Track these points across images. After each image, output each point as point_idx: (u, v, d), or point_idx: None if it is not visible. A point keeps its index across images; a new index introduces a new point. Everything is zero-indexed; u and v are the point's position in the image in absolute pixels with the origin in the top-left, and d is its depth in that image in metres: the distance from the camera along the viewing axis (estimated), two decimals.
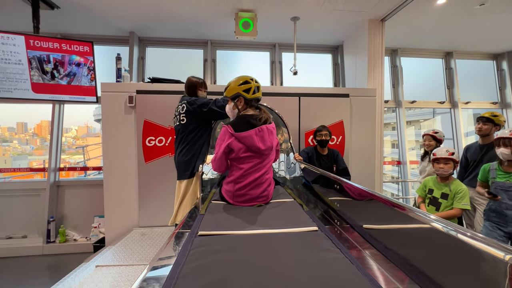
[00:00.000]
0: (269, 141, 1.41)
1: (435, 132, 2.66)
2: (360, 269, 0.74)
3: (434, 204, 2.05)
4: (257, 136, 1.38)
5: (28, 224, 3.23)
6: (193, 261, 0.78)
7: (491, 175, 2.09)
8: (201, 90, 2.16)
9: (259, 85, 1.50)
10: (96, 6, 2.83)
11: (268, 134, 1.41)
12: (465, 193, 1.93)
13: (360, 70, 3.42)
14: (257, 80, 1.52)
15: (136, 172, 2.62)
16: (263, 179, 1.40)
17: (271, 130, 1.45)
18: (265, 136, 1.39)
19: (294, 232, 0.99)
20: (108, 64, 3.56)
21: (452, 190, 1.96)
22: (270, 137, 1.42)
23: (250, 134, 1.37)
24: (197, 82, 2.15)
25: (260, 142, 1.38)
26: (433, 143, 2.65)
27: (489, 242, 0.56)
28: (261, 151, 1.38)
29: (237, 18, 2.95)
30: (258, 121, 1.42)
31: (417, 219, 0.77)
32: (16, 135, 10.24)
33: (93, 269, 1.70)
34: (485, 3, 2.81)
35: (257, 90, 1.49)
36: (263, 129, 1.40)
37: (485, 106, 4.32)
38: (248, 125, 1.41)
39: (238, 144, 1.37)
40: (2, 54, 2.60)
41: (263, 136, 1.39)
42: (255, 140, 1.37)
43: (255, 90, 1.48)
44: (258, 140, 1.38)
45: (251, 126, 1.40)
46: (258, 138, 1.38)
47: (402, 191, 4.24)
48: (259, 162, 1.39)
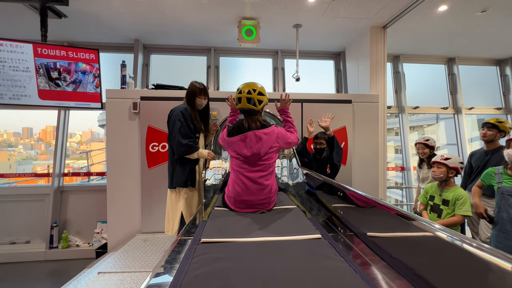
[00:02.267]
0: (256, 148, 1.38)
1: (426, 140, 2.68)
2: (364, 278, 0.73)
3: (435, 211, 2.02)
4: (242, 142, 1.39)
5: (31, 230, 3.25)
6: (196, 269, 0.78)
7: (497, 179, 2.02)
8: (200, 97, 2.01)
9: (240, 96, 1.48)
10: (102, 15, 2.90)
11: (255, 141, 1.39)
12: (465, 199, 1.88)
13: (363, 76, 3.43)
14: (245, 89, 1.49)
15: (139, 178, 2.63)
16: (260, 186, 1.38)
17: (259, 136, 1.40)
18: (251, 143, 1.38)
19: (297, 240, 0.99)
20: (113, 71, 3.61)
21: (453, 197, 1.92)
22: (258, 144, 1.39)
23: (235, 140, 1.41)
24: (197, 89, 2.00)
25: (245, 148, 1.38)
26: (427, 150, 2.67)
27: (495, 253, 0.55)
28: (247, 157, 1.38)
29: (240, 26, 3.00)
30: (244, 126, 1.43)
31: (421, 227, 0.76)
32: (21, 140, 10.38)
33: (95, 276, 1.69)
34: (486, 9, 2.82)
35: (238, 102, 1.50)
36: (248, 135, 1.39)
37: (489, 112, 4.29)
38: (238, 130, 1.44)
39: (227, 145, 1.47)
40: (10, 61, 2.66)
41: (248, 143, 1.38)
42: (240, 146, 1.40)
43: (237, 102, 1.52)
44: (242, 146, 1.39)
45: (240, 131, 1.43)
46: (243, 144, 1.39)
47: (406, 197, 4.19)
48: (250, 167, 1.40)
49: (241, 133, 1.42)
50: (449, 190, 1.97)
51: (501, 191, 1.96)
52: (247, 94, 1.46)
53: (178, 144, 1.86)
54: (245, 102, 1.47)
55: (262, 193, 1.38)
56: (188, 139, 1.88)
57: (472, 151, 2.75)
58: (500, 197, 1.95)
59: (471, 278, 0.61)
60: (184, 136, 1.87)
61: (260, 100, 1.48)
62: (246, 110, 1.48)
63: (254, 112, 1.49)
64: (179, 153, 1.89)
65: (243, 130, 1.43)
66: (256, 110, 1.49)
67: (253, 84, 1.51)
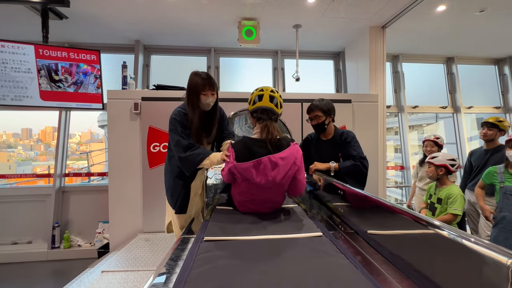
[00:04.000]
0: (272, 175, 1.14)
1: (437, 138, 2.67)
2: (365, 275, 0.75)
3: (431, 209, 2.06)
4: (255, 169, 1.14)
5: (33, 230, 3.26)
6: (200, 266, 0.79)
7: (499, 179, 2.02)
8: (205, 93, 1.46)
9: (262, 93, 1.27)
10: (103, 16, 2.91)
11: (271, 167, 1.14)
12: (456, 197, 1.89)
13: (362, 76, 3.45)
14: (268, 88, 1.30)
15: (141, 178, 2.65)
16: (273, 204, 1.29)
17: (275, 162, 1.14)
18: (266, 170, 1.14)
19: (299, 238, 1.00)
20: (114, 72, 3.63)
21: (445, 195, 1.95)
22: (275, 170, 1.14)
23: (247, 167, 1.15)
24: (199, 82, 1.45)
25: (259, 176, 1.14)
26: (435, 149, 2.65)
27: (492, 247, 0.57)
28: (261, 185, 1.15)
29: (240, 26, 3.02)
30: (260, 147, 1.18)
31: (420, 224, 0.78)
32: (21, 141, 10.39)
33: (98, 275, 1.71)
34: (485, 9, 2.84)
35: (258, 99, 1.27)
36: (263, 162, 1.14)
37: (488, 111, 4.31)
38: (248, 154, 1.18)
39: (237, 172, 1.18)
40: (12, 63, 2.68)
41: (263, 170, 1.14)
42: (253, 174, 1.14)
43: (255, 100, 1.28)
44: (256, 174, 1.14)
45: (251, 154, 1.17)
46: (256, 172, 1.14)
47: (405, 196, 4.22)
48: (262, 192, 1.20)
49: (254, 156, 1.16)
50: (444, 188, 1.99)
51: (504, 190, 1.96)
52: (270, 92, 1.28)
53: (180, 160, 1.45)
54: (267, 99, 1.26)
55: (274, 207, 1.31)
56: (189, 150, 1.43)
57: (472, 150, 2.76)
58: (503, 196, 1.95)
59: (469, 272, 0.63)
60: (184, 149, 1.43)
61: (281, 103, 1.30)
62: (265, 109, 1.25)
63: (274, 115, 1.28)
64: (186, 170, 1.47)
65: (256, 150, 1.17)
66: (277, 113, 1.29)
67: (272, 87, 1.33)
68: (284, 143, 1.23)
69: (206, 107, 1.50)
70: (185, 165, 1.43)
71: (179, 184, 1.53)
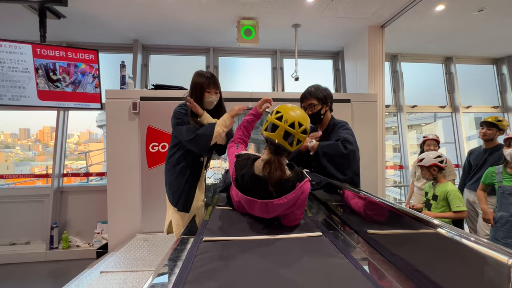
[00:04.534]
0: (277, 212, 1.05)
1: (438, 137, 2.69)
2: (365, 274, 0.75)
3: (427, 206, 2.11)
4: (248, 204, 1.08)
5: (31, 230, 3.24)
6: (199, 267, 0.79)
7: (498, 179, 2.06)
8: (209, 92, 1.51)
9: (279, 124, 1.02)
10: (101, 15, 2.90)
11: (266, 210, 1.04)
12: (454, 194, 1.94)
13: (361, 75, 3.45)
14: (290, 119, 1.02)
15: (140, 178, 2.64)
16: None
17: (272, 207, 1.02)
18: (260, 209, 1.05)
19: (299, 238, 1.00)
20: (112, 72, 3.61)
21: (441, 192, 2.00)
22: (271, 212, 1.04)
23: (241, 196, 1.09)
24: (204, 80, 1.49)
25: (251, 210, 1.10)
26: (437, 148, 2.68)
27: (492, 247, 0.57)
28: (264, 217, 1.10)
29: (239, 26, 3.01)
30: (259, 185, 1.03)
31: (420, 223, 0.78)
32: (19, 141, 10.35)
33: (97, 275, 1.70)
34: (483, 9, 2.85)
35: (271, 129, 1.04)
36: (257, 203, 1.04)
37: (486, 110, 4.33)
38: (245, 187, 1.06)
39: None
40: (9, 62, 2.66)
41: (256, 209, 1.07)
42: (247, 204, 1.08)
43: (268, 128, 1.06)
44: (248, 207, 1.10)
45: (247, 189, 1.06)
46: (249, 206, 1.09)
47: (404, 195, 4.23)
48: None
49: (249, 192, 1.06)
50: (440, 185, 2.05)
51: (502, 190, 2.00)
52: (288, 127, 1.02)
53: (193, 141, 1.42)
54: (280, 135, 1.02)
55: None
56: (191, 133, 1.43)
57: (470, 149, 2.78)
58: (501, 196, 1.99)
59: (470, 272, 0.63)
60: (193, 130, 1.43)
61: (300, 140, 1.05)
62: (275, 144, 1.04)
63: (285, 152, 1.07)
64: (202, 147, 1.45)
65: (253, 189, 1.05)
66: (289, 151, 1.06)
67: (302, 116, 1.05)
68: (288, 186, 1.01)
69: (209, 106, 1.54)
70: (199, 141, 1.41)
71: (182, 181, 1.52)
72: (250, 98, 2.81)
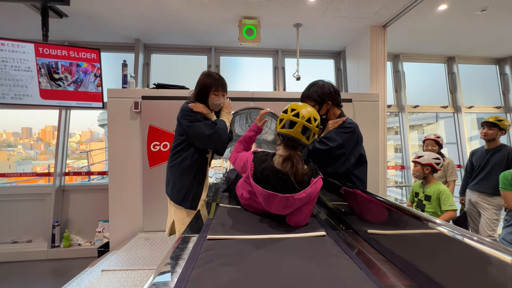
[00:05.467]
0: (282, 209, 1.09)
1: (437, 137, 2.67)
2: (369, 275, 0.74)
3: (419, 206, 2.13)
4: (266, 199, 1.07)
5: (33, 229, 3.25)
6: (202, 265, 0.79)
7: None
8: (216, 94, 1.52)
9: (297, 120, 1.07)
10: (103, 14, 2.90)
11: (284, 205, 1.06)
12: (447, 194, 1.96)
13: (363, 75, 3.44)
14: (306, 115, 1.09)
15: (141, 177, 2.64)
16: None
17: (292, 201, 1.03)
18: (278, 205, 1.07)
19: (302, 237, 1.00)
20: (114, 71, 3.62)
21: (434, 192, 2.03)
22: (287, 207, 1.07)
23: (260, 191, 1.07)
24: (212, 82, 1.50)
25: (267, 206, 1.10)
26: (436, 148, 2.66)
27: (496, 247, 0.57)
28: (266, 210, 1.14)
29: (240, 25, 3.01)
30: (281, 180, 1.05)
31: (422, 223, 0.78)
32: (21, 140, 10.39)
33: (98, 274, 1.71)
34: (486, 9, 2.83)
35: (289, 126, 1.09)
36: (278, 198, 1.04)
37: (488, 111, 4.31)
38: (265, 181, 1.07)
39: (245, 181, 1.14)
40: (12, 61, 2.67)
41: (275, 204, 1.07)
42: (264, 199, 1.08)
43: (286, 125, 1.11)
44: (265, 203, 1.09)
45: (267, 183, 1.07)
46: (267, 201, 1.08)
47: (406, 195, 4.22)
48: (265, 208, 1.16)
49: (269, 186, 1.05)
50: (431, 186, 2.07)
51: None
52: (306, 122, 1.08)
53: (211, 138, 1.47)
54: (299, 131, 1.08)
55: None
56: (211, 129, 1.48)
57: (473, 150, 2.77)
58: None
59: (473, 271, 0.63)
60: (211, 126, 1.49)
61: (314, 134, 1.12)
62: (293, 139, 1.10)
63: (301, 146, 1.13)
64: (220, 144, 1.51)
65: (274, 183, 1.06)
66: (305, 144, 1.13)
67: (314, 112, 1.13)
68: (305, 180, 1.06)
69: (216, 108, 1.57)
70: (220, 135, 1.47)
71: (189, 178, 1.53)
72: (252, 97, 2.81)
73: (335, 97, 1.50)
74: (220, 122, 1.53)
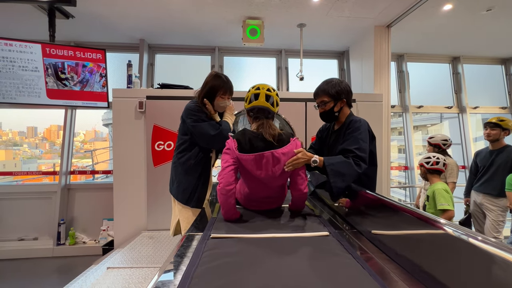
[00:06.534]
0: (272, 170, 1.16)
1: (430, 138, 2.74)
2: (372, 275, 0.75)
3: (424, 207, 2.19)
4: (257, 163, 1.15)
5: (39, 227, 3.30)
6: (206, 263, 0.80)
7: None
8: (223, 97, 1.59)
9: (258, 92, 1.26)
10: (108, 15, 2.94)
11: (273, 163, 1.15)
12: (438, 192, 1.98)
13: (366, 75, 3.43)
14: (265, 87, 1.29)
15: (145, 176, 2.67)
16: (272, 199, 1.32)
17: (277, 157, 1.15)
18: (267, 165, 1.16)
19: (306, 237, 1.01)
20: (119, 71, 3.65)
21: (430, 192, 2.07)
22: (277, 166, 1.16)
23: (247, 158, 1.16)
24: (221, 85, 1.56)
25: (258, 170, 1.17)
26: (430, 148, 2.72)
27: (500, 246, 0.57)
28: (261, 179, 1.19)
29: (244, 26, 3.02)
30: (261, 140, 1.20)
31: (426, 223, 0.78)
32: (26, 139, 10.53)
33: (104, 271, 1.73)
34: (492, 8, 2.81)
35: (254, 98, 1.27)
36: (265, 156, 1.15)
37: (494, 111, 4.27)
38: (250, 146, 1.19)
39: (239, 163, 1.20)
40: (20, 61, 2.71)
41: (265, 164, 1.16)
42: (253, 166, 1.16)
43: (251, 98, 1.28)
44: (255, 167, 1.16)
45: (252, 148, 1.19)
46: (257, 165, 1.16)
47: (409, 196, 4.19)
48: (263, 185, 1.23)
49: (255, 149, 1.17)
50: (431, 186, 2.12)
51: None
52: (267, 91, 1.27)
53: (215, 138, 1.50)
54: (263, 99, 1.25)
55: (273, 204, 1.35)
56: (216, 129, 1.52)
57: (477, 151, 2.75)
58: None
59: (477, 271, 0.63)
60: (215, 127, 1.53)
61: (277, 102, 1.31)
62: (262, 109, 1.26)
63: (270, 114, 1.29)
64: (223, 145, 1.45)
65: (257, 144, 1.19)
66: (273, 112, 1.30)
67: (269, 85, 1.32)
68: (284, 138, 1.24)
69: (221, 109, 1.64)
70: (225, 136, 1.45)
71: (194, 177, 1.57)
72: None
73: (350, 96, 1.51)
74: (224, 123, 1.58)
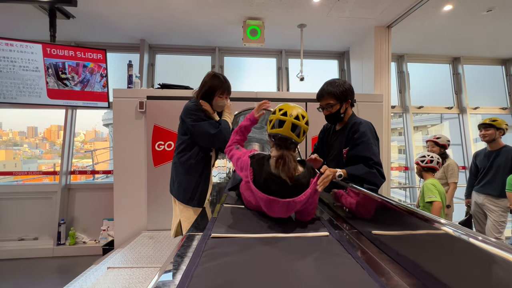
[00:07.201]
0: (286, 212, 1.10)
1: (437, 138, 2.71)
2: (371, 275, 0.75)
3: (417, 204, 2.26)
4: (269, 203, 1.07)
5: (40, 226, 3.30)
6: (206, 262, 0.80)
7: None
8: (221, 97, 1.58)
9: (285, 120, 1.09)
10: (109, 15, 2.94)
11: (287, 209, 1.07)
12: (427, 187, 2.05)
13: (367, 75, 3.44)
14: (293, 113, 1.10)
15: (146, 176, 2.67)
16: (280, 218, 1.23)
17: (293, 205, 1.04)
18: (280, 210, 1.08)
19: (305, 237, 1.01)
20: (119, 71, 3.66)
21: (421, 189, 2.15)
22: (289, 211, 1.09)
23: (262, 196, 1.07)
24: (219, 85, 1.55)
25: (270, 211, 1.11)
26: (436, 149, 2.67)
27: (501, 246, 0.57)
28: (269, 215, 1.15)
29: (245, 26, 3.02)
30: (278, 184, 1.04)
31: (427, 223, 0.78)
32: (27, 139, 10.53)
33: (104, 271, 1.73)
34: (492, 9, 2.81)
35: (278, 125, 1.11)
36: (280, 203, 1.04)
37: (494, 112, 4.27)
38: (264, 185, 1.06)
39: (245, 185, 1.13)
40: (20, 61, 2.72)
41: (277, 209, 1.08)
42: (265, 204, 1.09)
43: (275, 124, 1.13)
44: (267, 206, 1.10)
45: (266, 188, 1.06)
46: (269, 205, 1.08)
47: (409, 197, 4.19)
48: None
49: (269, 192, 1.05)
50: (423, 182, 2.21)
51: None
52: (294, 119, 1.10)
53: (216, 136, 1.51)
54: (288, 128, 1.09)
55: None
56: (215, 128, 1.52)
57: (476, 152, 2.75)
58: None
59: (477, 271, 0.63)
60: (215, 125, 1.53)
61: (304, 131, 1.14)
62: (284, 138, 1.11)
63: (293, 144, 1.13)
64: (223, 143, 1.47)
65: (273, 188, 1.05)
66: (297, 142, 1.13)
67: (301, 109, 1.14)
68: (304, 182, 1.06)
69: (219, 109, 1.65)
70: (224, 135, 1.51)
71: (195, 177, 1.57)
72: (255, 97, 2.82)
73: (353, 96, 1.51)
74: (224, 122, 1.60)
